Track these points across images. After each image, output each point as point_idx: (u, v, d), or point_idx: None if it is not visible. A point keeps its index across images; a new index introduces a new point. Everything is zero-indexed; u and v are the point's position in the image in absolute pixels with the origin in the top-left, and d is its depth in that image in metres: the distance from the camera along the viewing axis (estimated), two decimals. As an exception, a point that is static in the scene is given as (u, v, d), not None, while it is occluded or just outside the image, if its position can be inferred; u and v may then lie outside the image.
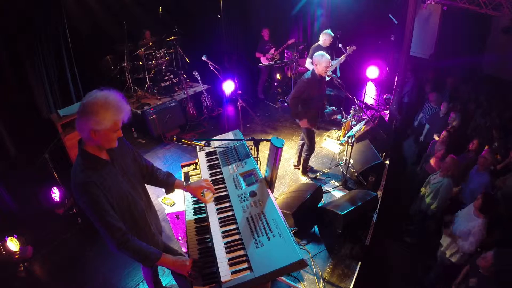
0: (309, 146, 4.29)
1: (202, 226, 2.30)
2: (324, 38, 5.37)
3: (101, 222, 1.69)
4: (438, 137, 5.01)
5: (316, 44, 5.53)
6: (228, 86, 5.26)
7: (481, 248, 3.15)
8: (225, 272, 1.74)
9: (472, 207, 3.26)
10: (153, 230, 2.08)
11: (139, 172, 2.07)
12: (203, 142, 2.66)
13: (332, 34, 5.39)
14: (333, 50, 5.89)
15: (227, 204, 2.20)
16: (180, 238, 3.29)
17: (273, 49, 6.69)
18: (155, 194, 3.73)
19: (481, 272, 2.78)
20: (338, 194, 4.27)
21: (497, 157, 4.25)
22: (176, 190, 2.27)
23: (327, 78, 5.07)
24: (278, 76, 7.10)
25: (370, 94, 6.95)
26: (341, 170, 4.65)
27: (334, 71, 5.79)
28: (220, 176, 2.46)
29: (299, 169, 4.69)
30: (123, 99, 1.70)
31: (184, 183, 2.27)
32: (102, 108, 1.60)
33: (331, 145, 5.38)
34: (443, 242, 3.50)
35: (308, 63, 5.59)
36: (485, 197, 3.14)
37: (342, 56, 5.57)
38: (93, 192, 1.64)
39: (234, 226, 2.02)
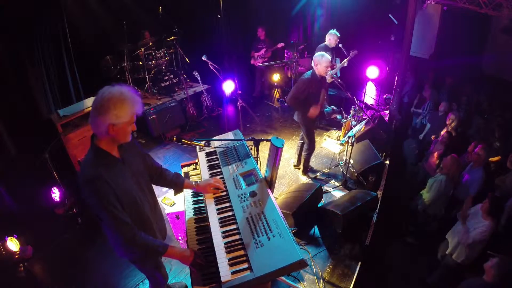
0: (309, 146, 4.28)
1: (202, 226, 2.31)
2: (329, 38, 5.30)
3: (110, 217, 1.69)
4: (435, 136, 5.00)
5: (323, 44, 5.43)
6: (228, 86, 5.26)
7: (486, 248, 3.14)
8: (225, 272, 1.75)
9: (479, 211, 3.20)
10: (155, 229, 2.09)
11: (147, 173, 2.08)
12: (203, 142, 2.66)
13: (338, 34, 5.29)
14: (333, 50, 5.88)
15: (227, 204, 2.20)
16: (180, 238, 3.29)
17: (264, 49, 6.67)
18: (155, 193, 3.73)
19: (484, 278, 2.73)
20: (338, 194, 4.26)
21: (499, 158, 4.23)
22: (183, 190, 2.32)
23: (329, 80, 5.08)
24: (278, 76, 7.08)
25: (370, 94, 6.95)
26: (341, 170, 4.64)
27: (334, 71, 5.79)
28: (220, 176, 2.46)
29: (299, 169, 4.69)
30: (135, 92, 1.73)
31: (193, 183, 2.29)
32: (119, 102, 1.63)
33: (331, 145, 5.38)
34: (449, 240, 3.46)
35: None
36: (493, 200, 3.08)
37: (345, 60, 5.55)
38: (103, 187, 1.65)
39: (234, 226, 2.02)
